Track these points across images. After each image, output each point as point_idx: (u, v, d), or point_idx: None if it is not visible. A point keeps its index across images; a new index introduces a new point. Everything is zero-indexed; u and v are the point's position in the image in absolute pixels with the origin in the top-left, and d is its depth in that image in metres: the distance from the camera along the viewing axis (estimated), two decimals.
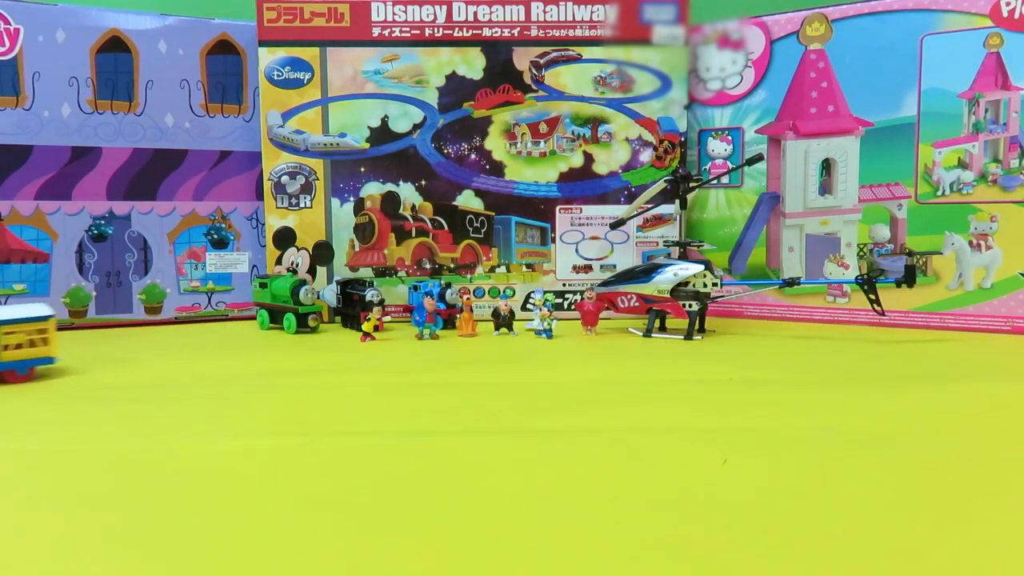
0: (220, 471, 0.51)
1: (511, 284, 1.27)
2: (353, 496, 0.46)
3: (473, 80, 1.24)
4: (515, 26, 1.23)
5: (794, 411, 0.66)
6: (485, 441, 0.57)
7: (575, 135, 1.25)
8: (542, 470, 0.51)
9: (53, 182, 1.18)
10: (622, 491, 0.47)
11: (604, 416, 0.65)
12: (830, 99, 1.18)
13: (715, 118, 1.27)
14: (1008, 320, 1.08)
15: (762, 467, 0.51)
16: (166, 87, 1.22)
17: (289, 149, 1.23)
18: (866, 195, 1.17)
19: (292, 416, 0.67)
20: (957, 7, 1.08)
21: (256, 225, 1.30)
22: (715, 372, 0.84)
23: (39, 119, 1.16)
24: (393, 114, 1.24)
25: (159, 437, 0.60)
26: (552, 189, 1.26)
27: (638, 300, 1.10)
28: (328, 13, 1.22)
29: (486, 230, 1.26)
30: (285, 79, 1.22)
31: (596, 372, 0.86)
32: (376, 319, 1.07)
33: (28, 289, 1.17)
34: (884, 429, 0.60)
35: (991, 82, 1.07)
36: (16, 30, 1.14)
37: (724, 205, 1.27)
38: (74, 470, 0.52)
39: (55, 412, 0.68)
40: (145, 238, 1.24)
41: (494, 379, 0.82)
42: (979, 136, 1.09)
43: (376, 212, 1.25)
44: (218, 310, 1.28)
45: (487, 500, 0.45)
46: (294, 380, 0.81)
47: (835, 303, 1.19)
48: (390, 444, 0.57)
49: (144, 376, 0.85)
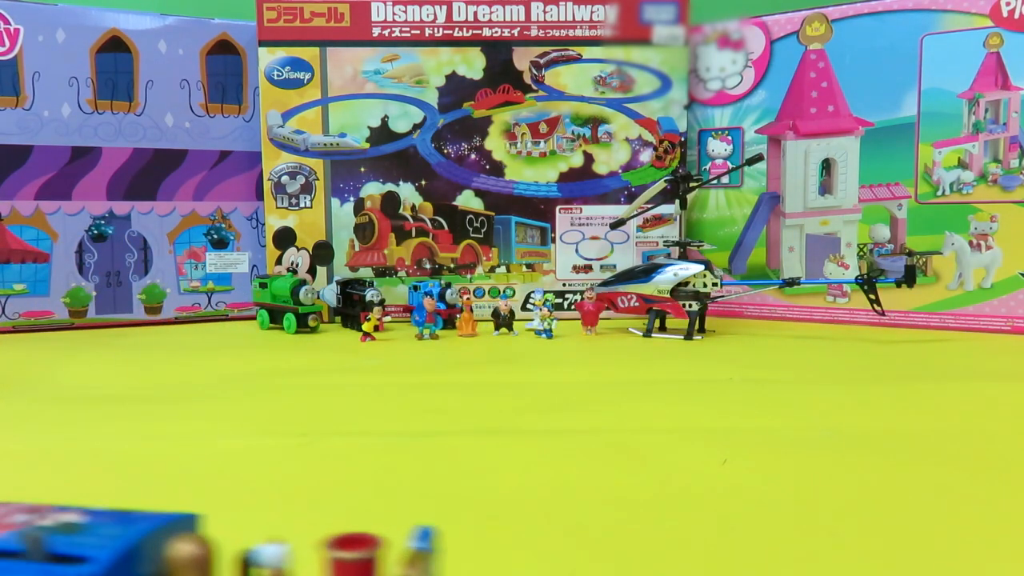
0: (220, 471, 0.51)
1: (511, 284, 1.27)
2: (353, 496, 0.46)
3: (473, 80, 1.24)
4: (515, 26, 1.23)
5: (794, 411, 0.66)
6: (485, 441, 0.57)
7: (575, 135, 1.25)
8: (542, 470, 0.51)
9: (53, 182, 1.18)
10: (622, 491, 0.47)
11: (604, 416, 0.65)
12: (830, 99, 1.18)
13: (715, 118, 1.27)
14: (1008, 320, 1.08)
15: (762, 467, 0.51)
16: (166, 87, 1.22)
17: (289, 149, 1.23)
18: (866, 195, 1.17)
19: (292, 416, 0.66)
20: (957, 7, 1.08)
21: (256, 225, 1.30)
22: (715, 372, 0.84)
23: (39, 119, 1.16)
24: (393, 114, 1.24)
25: (159, 437, 0.60)
26: (552, 189, 1.26)
27: (638, 300, 1.10)
28: (328, 13, 1.22)
29: (486, 230, 1.26)
30: (285, 79, 1.22)
31: (596, 372, 0.86)
32: (376, 319, 1.07)
33: (28, 289, 1.17)
34: (884, 429, 0.60)
35: (991, 82, 1.07)
36: (16, 30, 1.14)
37: (724, 205, 1.27)
38: (74, 470, 0.52)
39: (55, 412, 0.68)
40: (145, 238, 1.24)
41: (494, 379, 0.82)
42: (979, 136, 1.09)
43: (376, 212, 1.25)
44: (218, 310, 1.28)
45: (487, 500, 0.45)
46: (294, 380, 0.81)
47: (835, 303, 1.19)
48: (390, 444, 0.57)
49: (144, 376, 0.85)
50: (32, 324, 1.18)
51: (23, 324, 1.17)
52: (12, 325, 1.17)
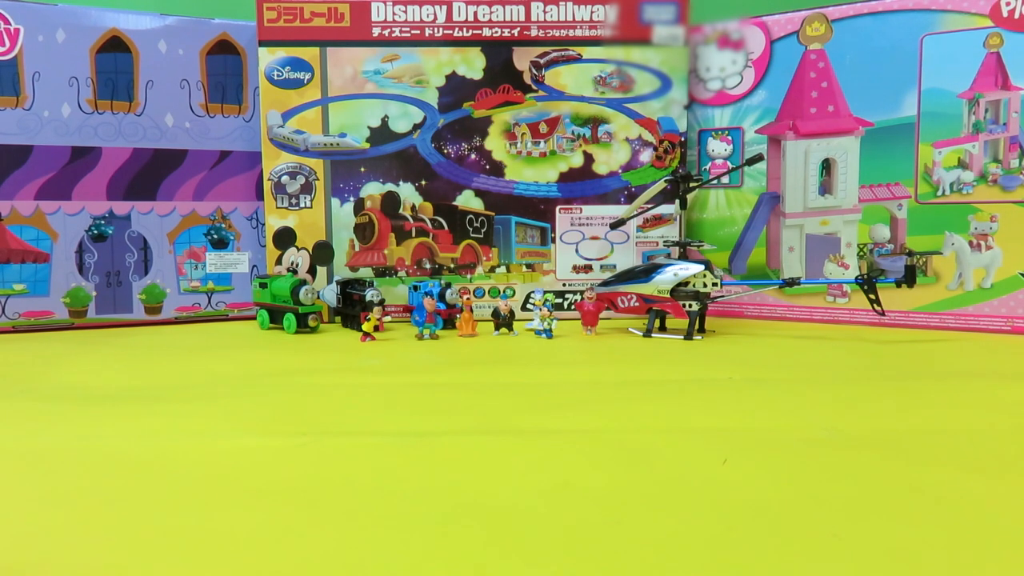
0: (220, 471, 0.51)
1: (511, 284, 1.27)
2: (353, 496, 0.46)
3: (473, 80, 1.24)
4: (515, 26, 1.23)
5: (794, 411, 0.66)
6: (485, 441, 0.57)
7: (575, 135, 1.25)
8: (542, 470, 0.51)
9: (53, 182, 1.18)
10: (622, 491, 0.47)
11: (604, 416, 0.65)
12: (830, 99, 1.18)
13: (715, 118, 1.27)
14: (1008, 320, 1.08)
15: (762, 467, 0.51)
16: (166, 87, 1.22)
17: (289, 149, 1.23)
18: (866, 195, 1.17)
19: (292, 416, 0.66)
20: (957, 7, 1.08)
21: (256, 225, 1.30)
22: (715, 372, 0.84)
23: (39, 119, 1.16)
24: (393, 114, 1.24)
25: (159, 437, 0.60)
26: (552, 189, 1.26)
27: (638, 300, 1.10)
28: (328, 13, 1.22)
29: (486, 230, 1.26)
30: (285, 79, 1.22)
31: (596, 372, 0.86)
32: (376, 319, 1.07)
33: (28, 289, 1.17)
34: (884, 428, 0.60)
35: (991, 82, 1.07)
36: (16, 30, 1.14)
37: (724, 205, 1.27)
38: (73, 470, 0.52)
39: (55, 412, 0.68)
40: (145, 238, 1.24)
41: (494, 379, 0.82)
42: (979, 136, 1.09)
43: (376, 212, 1.25)
44: (218, 310, 1.28)
45: (487, 500, 0.45)
46: (294, 380, 0.81)
47: (835, 303, 1.19)
48: (390, 444, 0.57)
49: (144, 376, 0.85)
50: (32, 324, 1.18)
51: (23, 324, 1.18)
52: (12, 325, 1.17)
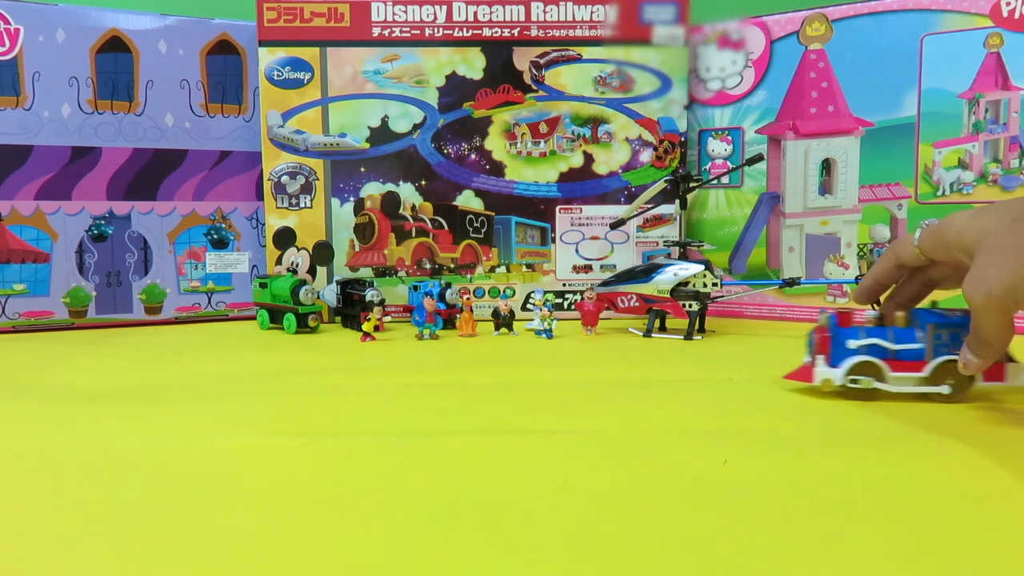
0: (220, 471, 0.51)
1: (511, 284, 1.27)
2: (353, 496, 0.46)
3: (473, 80, 1.24)
4: (515, 26, 1.23)
5: (794, 411, 0.66)
6: (485, 441, 0.57)
7: (575, 135, 1.25)
8: (542, 470, 0.51)
9: (53, 182, 1.18)
10: (622, 491, 0.47)
11: (604, 416, 0.65)
12: (830, 99, 1.18)
13: (715, 118, 1.27)
14: None
15: (762, 467, 0.51)
16: (166, 87, 1.22)
17: (289, 149, 1.23)
18: (866, 195, 1.17)
19: (292, 416, 0.66)
20: (957, 7, 1.08)
21: (256, 225, 1.30)
22: (715, 372, 0.84)
23: (39, 119, 1.16)
24: (393, 114, 1.24)
25: (159, 437, 0.60)
26: (552, 189, 1.26)
27: (638, 300, 1.10)
28: (328, 13, 1.22)
29: (486, 230, 1.26)
30: (285, 79, 1.22)
31: (596, 372, 0.86)
32: (376, 319, 1.07)
33: (28, 289, 1.17)
34: (884, 428, 0.60)
35: (991, 82, 1.07)
36: (16, 30, 1.14)
37: (724, 205, 1.27)
38: (73, 470, 0.52)
39: (54, 412, 0.68)
40: (145, 238, 1.24)
41: (494, 379, 0.82)
42: (979, 136, 1.09)
43: (376, 212, 1.25)
44: (218, 310, 1.28)
45: (487, 500, 0.45)
46: (294, 380, 0.81)
47: (835, 303, 1.19)
48: (390, 444, 0.57)
49: (144, 376, 0.85)
50: (32, 324, 1.18)
51: (23, 324, 1.18)
52: (12, 325, 1.17)
